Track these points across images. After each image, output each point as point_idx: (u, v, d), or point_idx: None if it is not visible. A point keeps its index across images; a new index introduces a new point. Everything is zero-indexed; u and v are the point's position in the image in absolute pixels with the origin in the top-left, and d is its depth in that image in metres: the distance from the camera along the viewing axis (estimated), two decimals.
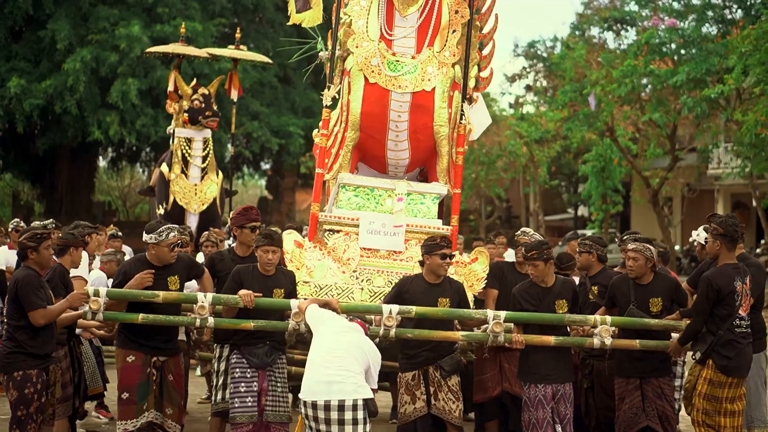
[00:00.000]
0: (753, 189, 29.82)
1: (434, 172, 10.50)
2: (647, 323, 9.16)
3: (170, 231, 8.98)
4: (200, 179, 16.28)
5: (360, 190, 10.35)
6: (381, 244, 10.20)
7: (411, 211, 10.34)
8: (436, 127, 10.23)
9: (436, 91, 10.21)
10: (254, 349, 9.00)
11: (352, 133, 10.26)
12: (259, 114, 34.33)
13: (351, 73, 10.30)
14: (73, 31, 30.79)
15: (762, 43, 22.98)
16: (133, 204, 46.99)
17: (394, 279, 9.87)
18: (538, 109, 38.64)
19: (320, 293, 9.75)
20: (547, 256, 9.15)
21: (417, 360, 9.11)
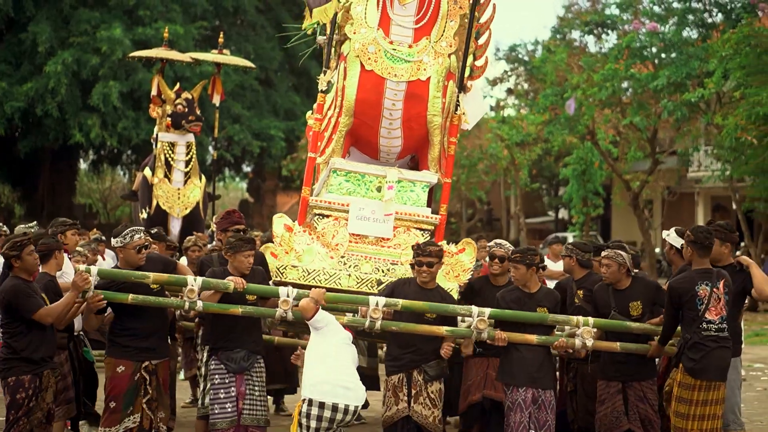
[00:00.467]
0: (733, 192, 29.95)
1: (425, 160, 10.58)
2: (628, 326, 9.32)
3: (135, 233, 9.02)
4: (183, 183, 16.30)
5: (351, 175, 10.38)
6: (370, 230, 10.23)
7: (400, 199, 10.39)
8: (429, 117, 10.31)
9: (431, 81, 10.28)
10: (232, 354, 9.11)
11: (346, 118, 10.34)
12: (241, 117, 34.32)
13: (347, 58, 10.38)
14: (54, 34, 30.70)
15: (742, 47, 23.15)
16: (114, 207, 46.86)
17: (382, 266, 10.04)
18: (519, 112, 38.72)
19: (308, 278, 9.80)
20: (530, 261, 9.26)
21: (402, 362, 9.20)
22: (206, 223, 16.64)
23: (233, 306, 9.01)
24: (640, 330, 9.34)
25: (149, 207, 16.17)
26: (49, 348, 8.60)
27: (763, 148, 23.27)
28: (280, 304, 8.95)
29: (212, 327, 9.32)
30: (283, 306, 8.93)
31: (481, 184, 40.85)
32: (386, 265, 10.08)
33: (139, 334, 8.90)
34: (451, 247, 10.36)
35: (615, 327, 9.34)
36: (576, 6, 35.54)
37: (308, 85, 38.62)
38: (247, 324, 9.20)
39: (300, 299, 8.91)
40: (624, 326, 9.33)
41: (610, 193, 38.16)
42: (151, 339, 8.95)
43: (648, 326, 9.39)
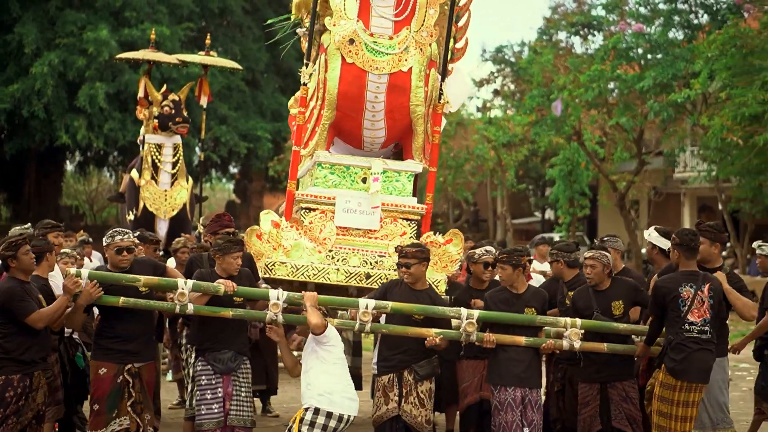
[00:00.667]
0: (719, 193, 30.05)
1: (410, 149, 10.60)
2: (615, 327, 9.36)
3: (117, 234, 9.07)
4: (170, 185, 16.29)
5: (336, 167, 10.39)
6: (357, 222, 10.27)
7: (386, 189, 10.42)
8: (412, 107, 10.34)
9: (412, 71, 10.29)
10: (219, 355, 9.13)
11: (329, 112, 10.33)
12: (227, 118, 34.30)
13: (328, 50, 10.36)
14: (41, 35, 30.64)
15: (728, 48, 23.23)
16: (100, 208, 46.82)
17: (369, 258, 10.08)
18: (506, 113, 38.77)
19: (297, 273, 9.83)
20: (516, 262, 9.35)
21: (392, 363, 9.24)
22: (193, 224, 16.64)
23: (224, 309, 8.99)
24: (626, 331, 9.40)
25: (136, 209, 16.16)
26: (41, 350, 8.65)
27: (748, 148, 23.35)
28: (270, 307, 8.95)
29: (199, 328, 9.32)
30: (273, 309, 8.93)
31: (468, 185, 40.89)
32: (374, 257, 10.12)
33: (123, 337, 8.89)
34: (438, 238, 10.36)
35: (602, 328, 9.37)
36: (562, 7, 35.61)
37: (294, 86, 38.48)
38: (233, 325, 9.19)
39: (291, 302, 8.95)
40: (611, 327, 9.36)
41: (597, 193, 38.25)
42: (135, 342, 8.93)
43: (635, 327, 9.48)
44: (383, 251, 10.18)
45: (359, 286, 10.02)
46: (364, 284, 9.99)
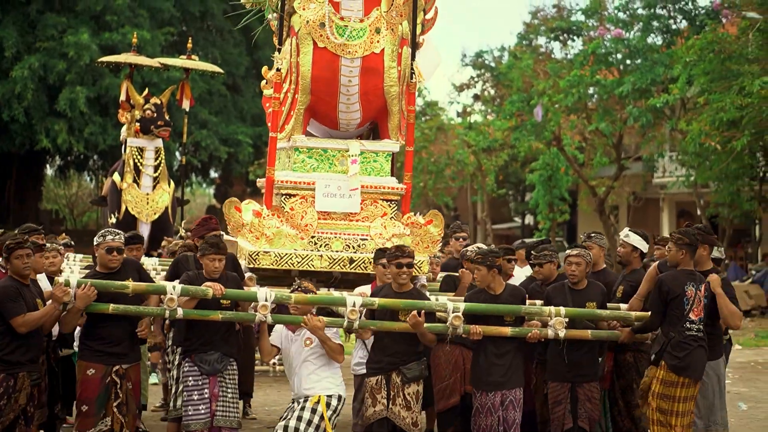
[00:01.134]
0: (697, 198, 30.21)
1: (386, 129, 10.68)
2: (599, 314, 9.45)
3: (108, 234, 9.04)
4: (152, 188, 16.30)
5: (313, 151, 10.46)
6: (337, 206, 10.34)
7: (365, 170, 10.48)
8: (386, 88, 10.42)
9: (384, 52, 10.37)
10: (205, 356, 9.11)
11: (303, 96, 10.38)
12: (208, 122, 34.28)
13: (299, 35, 10.37)
14: (21, 39, 30.59)
15: (706, 54, 23.40)
16: (80, 212, 46.71)
17: (352, 242, 10.17)
18: (486, 118, 38.87)
19: (281, 262, 9.89)
20: (491, 263, 9.31)
21: (381, 365, 9.21)
22: (175, 228, 16.65)
23: (213, 312, 8.94)
24: (610, 317, 9.53)
25: (118, 212, 16.16)
26: (28, 351, 8.62)
27: (726, 153, 23.51)
28: (258, 309, 8.90)
29: (186, 330, 9.26)
30: (262, 310, 8.87)
31: (448, 190, 41.00)
32: (356, 240, 10.21)
33: (110, 340, 8.86)
34: (419, 218, 10.47)
35: (586, 315, 9.43)
36: (542, 12, 35.73)
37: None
38: (221, 327, 9.15)
39: (278, 302, 8.93)
40: (595, 314, 9.45)
41: (576, 198, 38.37)
42: (122, 344, 8.91)
43: (619, 313, 9.58)
44: (365, 234, 10.27)
45: (343, 270, 10.07)
46: (348, 269, 10.05)
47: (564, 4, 34.90)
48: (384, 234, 10.33)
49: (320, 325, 8.88)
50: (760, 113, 21.74)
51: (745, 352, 20.04)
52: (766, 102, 21.45)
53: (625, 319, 9.51)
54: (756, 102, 21.50)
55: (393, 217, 10.47)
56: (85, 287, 8.63)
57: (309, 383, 8.98)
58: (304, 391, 8.97)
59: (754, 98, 21.42)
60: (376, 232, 10.29)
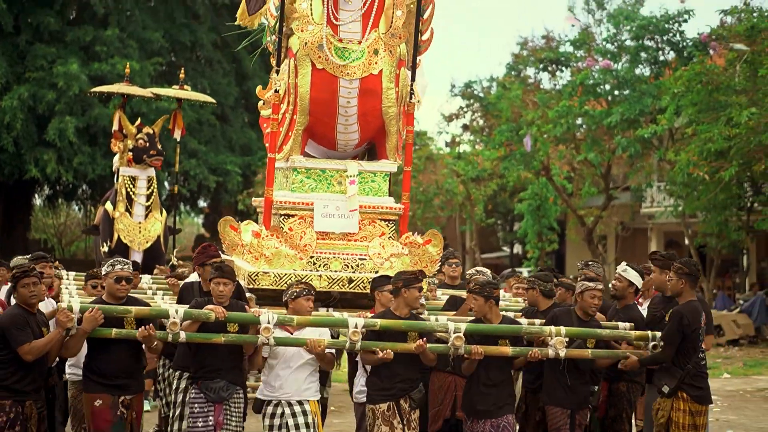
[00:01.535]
0: (685, 228, 30.32)
1: (384, 149, 10.75)
2: (599, 334, 9.48)
3: (118, 263, 9.05)
4: (144, 217, 16.31)
5: (312, 172, 10.51)
6: (336, 227, 10.37)
7: (362, 190, 10.54)
8: (384, 109, 10.52)
9: (383, 74, 10.46)
10: (211, 384, 9.07)
11: (302, 117, 10.44)
12: (197, 152, 34.30)
13: (297, 56, 10.42)
14: (10, 69, 30.61)
15: (694, 85, 23.56)
16: (69, 242, 46.59)
17: (351, 262, 10.18)
18: (475, 148, 38.96)
19: (281, 282, 9.87)
20: (488, 294, 9.28)
21: (393, 391, 9.16)
22: (167, 256, 16.65)
23: (215, 335, 8.94)
24: (609, 337, 9.57)
25: (110, 241, 16.16)
26: (35, 381, 8.63)
27: (714, 184, 23.63)
28: (261, 332, 8.86)
29: (194, 356, 9.25)
30: (265, 333, 8.85)
31: (437, 220, 41.01)
32: (355, 260, 10.22)
33: (113, 372, 8.88)
34: (417, 238, 10.51)
35: (586, 335, 9.44)
36: (531, 43, 35.89)
37: None
38: (228, 354, 9.13)
39: (282, 323, 8.96)
40: (594, 334, 9.46)
41: (565, 228, 38.47)
42: (125, 376, 8.93)
43: (618, 332, 9.64)
44: (363, 253, 10.29)
45: (343, 291, 10.08)
46: (347, 289, 10.06)
47: (552, 35, 35.04)
48: (382, 254, 10.33)
49: (321, 349, 8.94)
50: (747, 144, 21.88)
51: (734, 381, 20.12)
52: (753, 133, 21.59)
53: (626, 338, 9.57)
54: (743, 133, 21.63)
55: (391, 237, 10.52)
56: (93, 310, 8.65)
57: (306, 385, 9.09)
58: (299, 394, 9.05)
59: (742, 129, 21.56)
60: (374, 251, 10.31)
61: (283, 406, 9.08)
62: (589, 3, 31.76)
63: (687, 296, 9.32)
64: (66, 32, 31.92)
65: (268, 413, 9.15)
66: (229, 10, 37.20)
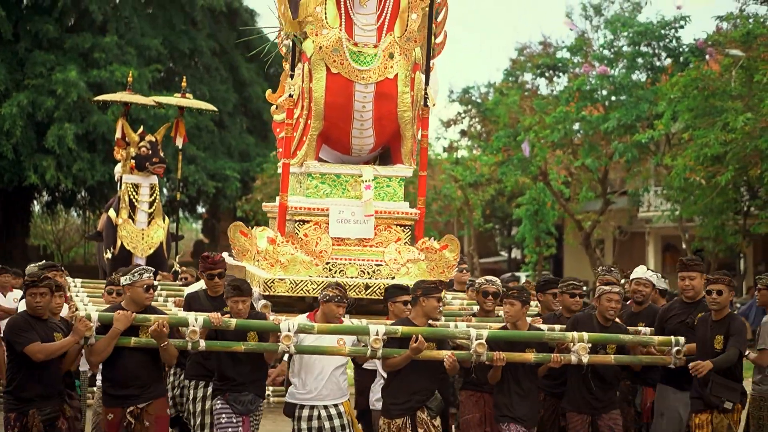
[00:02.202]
0: (682, 232, 30.42)
1: (399, 154, 10.61)
2: (621, 339, 9.32)
3: (144, 272, 8.85)
4: (147, 224, 16.41)
5: (327, 177, 10.39)
6: (351, 232, 10.25)
7: (378, 195, 10.39)
8: (400, 113, 10.37)
9: (398, 78, 10.32)
10: (240, 396, 8.96)
11: (317, 122, 10.30)
12: (196, 158, 34.48)
13: (312, 60, 10.27)
14: (10, 76, 30.82)
15: (690, 90, 23.66)
16: (67, 248, 46.68)
17: (366, 268, 10.04)
18: (473, 153, 39.08)
19: (297, 289, 9.76)
20: (525, 299, 9.17)
21: (409, 404, 8.97)
22: (170, 263, 16.77)
23: (236, 343, 8.79)
24: (633, 343, 9.42)
25: (114, 247, 16.27)
26: (40, 387, 8.46)
27: (710, 188, 23.74)
28: (282, 340, 8.68)
29: (218, 366, 9.10)
30: (285, 341, 8.68)
31: (435, 225, 41.10)
32: (371, 266, 10.09)
33: (120, 382, 8.67)
34: (434, 243, 10.36)
35: (609, 341, 9.31)
36: (528, 49, 36.03)
37: (261, 127, 38.87)
38: (253, 366, 9.02)
39: (302, 331, 8.78)
40: (617, 339, 9.32)
41: (563, 233, 38.56)
42: (134, 385, 8.68)
43: (641, 338, 9.49)
44: (379, 259, 10.15)
45: (359, 297, 9.86)
46: (363, 295, 9.87)
47: (550, 41, 35.20)
48: (398, 259, 10.20)
49: (346, 353, 8.95)
50: (743, 149, 21.99)
51: None
52: (749, 138, 21.69)
53: (648, 344, 9.41)
54: (739, 138, 21.74)
55: (407, 242, 10.40)
56: (122, 312, 8.51)
57: (338, 386, 9.03)
58: (332, 397, 8.99)
59: (738, 134, 21.66)
60: (390, 257, 10.18)
61: (318, 410, 8.99)
62: (587, 9, 31.91)
63: (728, 307, 9.27)
64: (65, 39, 32.13)
65: (303, 416, 9.03)
66: (226, 17, 37.42)
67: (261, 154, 37.34)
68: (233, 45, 37.52)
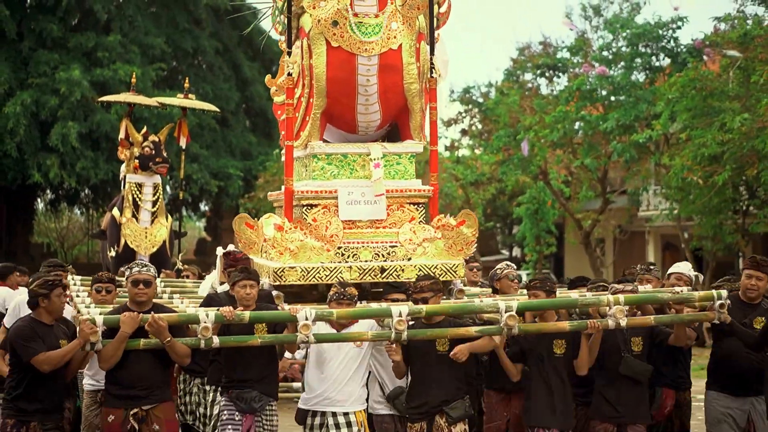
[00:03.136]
0: (681, 231, 30.58)
1: (407, 129, 10.15)
2: (660, 298, 8.95)
3: (135, 266, 8.59)
4: (150, 223, 16.61)
5: (333, 157, 9.93)
6: (362, 214, 9.78)
7: (388, 174, 9.93)
8: (406, 85, 9.90)
9: (402, 48, 9.85)
10: (243, 394, 8.67)
11: (319, 100, 9.83)
12: (199, 156, 34.66)
13: (310, 35, 9.78)
14: (13, 75, 30.95)
15: (688, 90, 23.81)
16: (71, 245, 46.87)
17: (381, 250, 9.65)
18: (474, 152, 39.24)
19: (308, 277, 9.37)
20: (550, 289, 8.88)
21: (425, 408, 8.65)
22: (173, 260, 16.98)
23: (251, 337, 8.44)
24: (674, 299, 8.95)
25: (118, 245, 16.46)
26: (45, 403, 8.24)
27: (708, 188, 23.87)
28: (300, 329, 8.24)
29: (225, 364, 8.82)
30: (303, 330, 8.25)
31: None
32: (385, 248, 9.67)
33: (126, 382, 8.32)
34: (450, 220, 9.90)
35: (647, 300, 8.95)
36: (529, 50, 36.22)
37: (264, 125, 39.08)
38: (261, 363, 8.71)
39: (321, 318, 8.39)
40: (655, 298, 8.95)
41: (563, 231, 38.70)
42: (140, 386, 8.33)
43: (680, 295, 9.04)
44: (394, 241, 9.72)
45: (375, 281, 9.53)
46: (379, 279, 9.50)
47: (550, 41, 35.38)
48: (414, 239, 9.76)
49: (368, 337, 8.53)
50: (740, 149, 22.13)
51: None
52: (746, 138, 21.83)
53: (689, 300, 8.99)
54: (736, 138, 21.88)
55: (422, 221, 9.94)
56: (128, 314, 8.17)
57: (351, 393, 8.63)
58: (344, 404, 8.61)
59: (735, 134, 21.81)
60: (405, 238, 9.76)
61: (327, 417, 8.63)
62: (586, 10, 32.11)
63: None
64: (69, 38, 32.28)
65: (314, 425, 8.69)
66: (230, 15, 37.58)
67: (263, 152, 37.52)
68: (236, 44, 37.72)
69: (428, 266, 9.56)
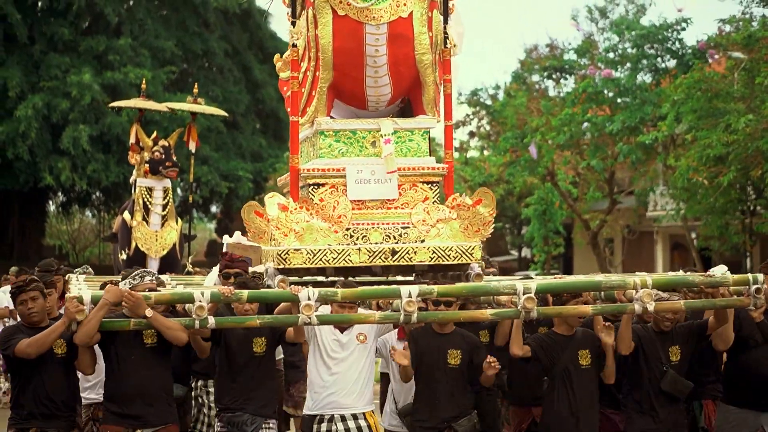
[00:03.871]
0: (688, 231, 30.67)
1: (420, 103, 9.51)
2: (692, 281, 8.36)
3: (146, 275, 8.23)
4: (161, 226, 16.81)
5: (341, 134, 9.32)
6: (372, 193, 9.15)
7: (400, 151, 9.31)
8: (418, 56, 9.27)
9: (413, 16, 9.21)
10: (234, 418, 8.31)
11: (326, 73, 9.23)
12: (209, 159, 34.87)
13: (315, 4, 9.17)
14: (25, 79, 31.20)
15: (693, 92, 23.91)
16: (82, 248, 47.15)
17: (392, 232, 9.06)
18: (482, 154, 39.36)
19: (314, 260, 8.82)
20: (564, 301, 8.34)
21: (432, 423, 8.31)
22: (183, 263, 17.20)
23: (250, 318, 8.00)
24: (704, 283, 8.29)
25: (128, 248, 16.67)
26: (43, 407, 7.77)
27: (713, 188, 23.98)
28: (302, 310, 7.74)
29: (216, 389, 8.56)
30: (306, 311, 7.75)
31: None
32: (397, 229, 9.06)
33: (124, 398, 7.89)
34: (466, 199, 9.27)
35: (677, 283, 8.43)
36: (536, 51, 36.35)
37: (274, 127, 39.26)
38: (255, 381, 8.32)
39: (324, 299, 7.92)
40: (685, 281, 8.40)
41: (571, 232, 38.79)
42: (138, 405, 7.86)
43: (713, 279, 8.34)
44: (406, 221, 9.11)
45: (385, 264, 9.04)
46: (390, 262, 8.96)
47: (556, 43, 35.51)
48: (428, 220, 9.12)
49: (375, 319, 8.02)
50: (745, 150, 22.22)
51: None
52: (751, 139, 21.92)
53: (722, 284, 8.32)
54: (741, 139, 21.98)
55: (436, 201, 9.29)
56: (112, 286, 7.80)
57: (360, 392, 8.22)
58: (352, 405, 8.20)
59: (740, 135, 21.90)
60: (418, 218, 9.12)
61: (335, 422, 8.17)
62: (592, 12, 32.25)
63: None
64: (79, 42, 32.54)
65: (320, 431, 8.22)
66: (239, 19, 37.82)
67: (273, 155, 37.72)
68: (246, 46, 37.92)
69: (443, 248, 9.02)
